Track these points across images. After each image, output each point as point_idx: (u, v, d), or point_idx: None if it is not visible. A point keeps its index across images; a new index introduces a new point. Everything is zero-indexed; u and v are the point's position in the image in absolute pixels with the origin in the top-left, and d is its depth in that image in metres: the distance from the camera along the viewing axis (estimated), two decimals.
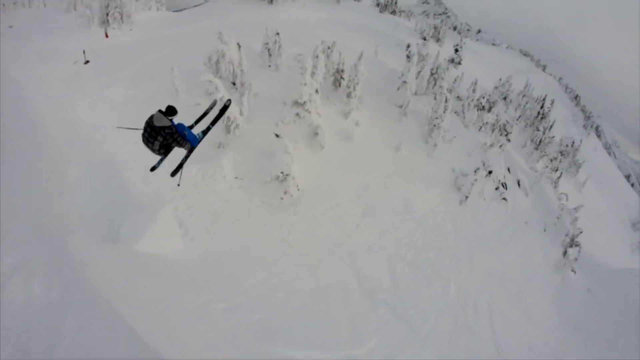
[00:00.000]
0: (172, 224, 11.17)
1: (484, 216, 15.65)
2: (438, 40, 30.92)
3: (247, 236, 12.21)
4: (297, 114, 14.76)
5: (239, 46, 16.86)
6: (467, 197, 15.44)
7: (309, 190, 13.66)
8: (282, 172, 13.17)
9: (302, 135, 14.95)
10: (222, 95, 13.69)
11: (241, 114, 14.89)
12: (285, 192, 13.30)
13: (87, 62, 19.11)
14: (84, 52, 19.36)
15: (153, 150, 6.62)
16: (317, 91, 14.99)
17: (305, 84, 14.58)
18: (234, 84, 17.05)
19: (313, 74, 15.54)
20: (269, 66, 18.03)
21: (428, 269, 12.96)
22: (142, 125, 6.54)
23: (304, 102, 14.63)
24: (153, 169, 7.64)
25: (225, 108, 7.92)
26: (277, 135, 14.18)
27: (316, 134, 15.07)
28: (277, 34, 17.80)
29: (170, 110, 6.45)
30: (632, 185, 60.25)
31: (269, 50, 18.03)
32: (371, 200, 13.99)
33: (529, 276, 15.05)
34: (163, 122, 6.36)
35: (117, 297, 6.41)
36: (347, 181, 14.27)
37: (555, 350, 12.60)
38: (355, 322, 10.86)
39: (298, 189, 13.49)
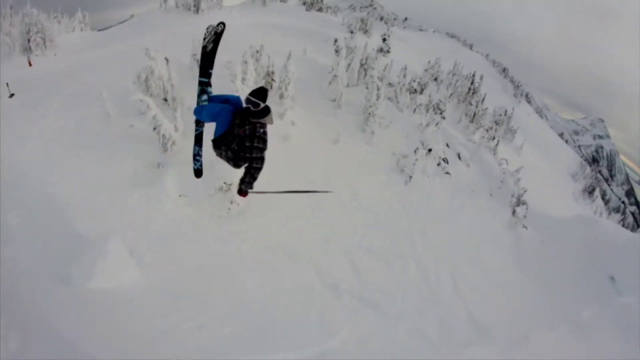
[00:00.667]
0: (123, 254, 10.69)
1: (430, 192, 16.22)
2: (366, 32, 31.67)
3: (201, 252, 11.94)
4: None
5: (167, 60, 16.44)
6: (411, 177, 15.93)
7: (255, 196, 13.43)
8: (225, 183, 12.97)
9: None
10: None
11: (176, 130, 14.53)
12: (231, 202, 13.12)
13: (11, 95, 17.81)
14: (7, 84, 18.06)
15: None
16: None
17: (236, 91, 14.45)
18: (165, 100, 16.61)
19: (244, 79, 15.45)
20: None
21: (386, 252, 13.25)
22: None
23: None
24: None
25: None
26: None
27: None
28: None
29: None
30: (567, 141, 64.98)
31: (197, 61, 17.68)
32: (318, 196, 14.09)
33: (483, 240, 15.79)
34: None
35: (82, 339, 6.07)
36: (291, 181, 14.29)
37: (522, 304, 13.26)
38: (323, 317, 10.87)
39: None
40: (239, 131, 4.58)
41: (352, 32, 29.50)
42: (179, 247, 12.00)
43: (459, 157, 18.86)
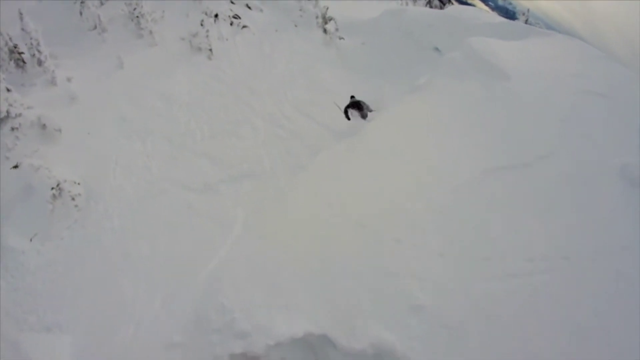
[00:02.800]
0: None
1: (239, 53, 15.63)
2: None
3: None
4: None
5: None
6: (210, 49, 15.08)
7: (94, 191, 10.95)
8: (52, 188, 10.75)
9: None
10: None
11: None
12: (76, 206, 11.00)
13: None
14: None
15: None
16: None
17: None
18: None
19: None
20: None
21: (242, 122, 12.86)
22: None
23: None
24: None
25: None
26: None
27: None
28: None
29: None
30: None
31: None
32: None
33: (312, 61, 16.04)
34: None
35: None
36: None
37: (370, 88, 14.03)
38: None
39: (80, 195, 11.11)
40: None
41: None
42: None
43: (249, 7, 18.05)
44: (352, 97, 11.91)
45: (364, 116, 11.29)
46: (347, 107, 11.61)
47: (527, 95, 9.01)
